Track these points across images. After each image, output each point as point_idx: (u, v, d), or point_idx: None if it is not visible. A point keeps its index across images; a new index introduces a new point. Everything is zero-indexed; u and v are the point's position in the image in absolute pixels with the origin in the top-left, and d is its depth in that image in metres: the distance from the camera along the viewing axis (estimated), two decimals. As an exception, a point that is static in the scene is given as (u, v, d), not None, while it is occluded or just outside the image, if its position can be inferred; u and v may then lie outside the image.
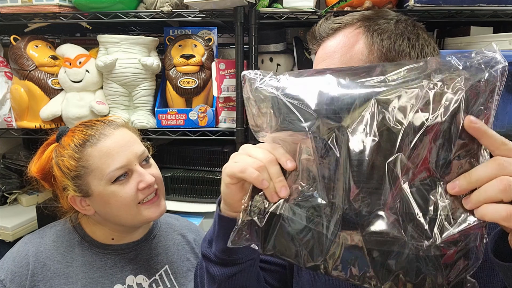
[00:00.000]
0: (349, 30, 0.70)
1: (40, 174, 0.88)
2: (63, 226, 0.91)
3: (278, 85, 0.52)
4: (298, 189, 0.52)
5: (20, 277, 0.82)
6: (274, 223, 0.53)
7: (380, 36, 0.69)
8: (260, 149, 0.56)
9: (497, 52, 0.43)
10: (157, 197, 0.88)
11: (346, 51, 0.68)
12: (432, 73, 0.43)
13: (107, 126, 0.86)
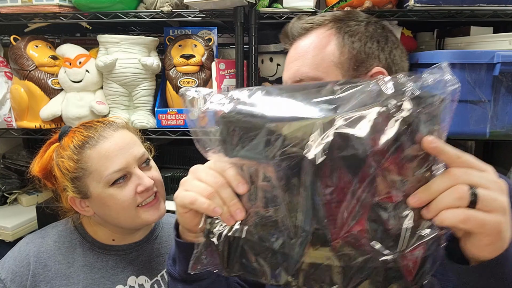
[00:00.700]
0: (321, 31, 0.72)
1: (42, 173, 0.89)
2: (64, 226, 0.91)
3: (230, 107, 0.49)
4: (257, 211, 0.51)
5: (21, 277, 0.82)
6: (234, 246, 0.52)
7: (351, 38, 0.70)
8: (210, 171, 0.54)
9: (449, 72, 0.44)
10: (156, 200, 0.87)
11: (317, 52, 0.70)
12: (386, 97, 0.43)
13: (107, 128, 0.86)
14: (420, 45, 1.46)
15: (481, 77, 1.08)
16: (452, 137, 1.25)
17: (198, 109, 0.51)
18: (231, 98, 0.50)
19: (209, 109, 0.50)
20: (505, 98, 1.10)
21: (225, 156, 0.51)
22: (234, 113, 0.48)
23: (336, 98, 0.45)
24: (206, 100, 0.51)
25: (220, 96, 0.51)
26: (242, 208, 0.52)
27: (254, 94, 0.50)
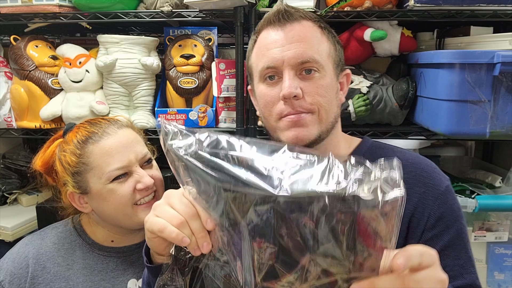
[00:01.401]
0: (311, 25, 0.74)
1: (44, 168, 0.89)
2: (64, 227, 0.91)
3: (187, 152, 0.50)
4: (220, 250, 0.52)
5: (19, 279, 0.82)
6: (197, 276, 0.54)
7: (334, 39, 0.78)
8: (183, 199, 0.55)
9: (399, 171, 0.43)
10: (155, 200, 0.87)
11: (319, 41, 0.74)
12: (330, 194, 0.43)
13: (111, 125, 0.86)
14: (420, 45, 1.46)
15: (481, 77, 1.08)
16: (452, 137, 1.26)
17: (165, 141, 0.52)
18: (196, 141, 0.50)
19: (173, 146, 0.51)
20: (505, 98, 1.10)
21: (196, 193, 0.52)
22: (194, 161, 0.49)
23: (281, 176, 0.46)
24: (174, 137, 0.52)
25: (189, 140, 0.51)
26: (209, 242, 0.52)
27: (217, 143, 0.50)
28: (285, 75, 0.71)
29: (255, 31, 0.78)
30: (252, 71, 0.79)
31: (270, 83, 0.74)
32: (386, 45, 1.36)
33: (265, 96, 0.74)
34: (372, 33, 1.30)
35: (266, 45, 0.74)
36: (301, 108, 0.71)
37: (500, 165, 1.55)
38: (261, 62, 0.74)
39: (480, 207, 1.26)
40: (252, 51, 0.78)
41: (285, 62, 0.71)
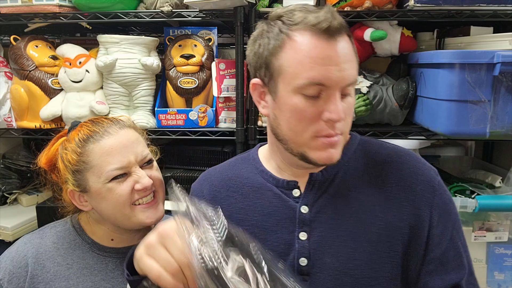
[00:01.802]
0: (348, 37, 0.70)
1: (48, 165, 0.89)
2: (63, 227, 0.91)
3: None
4: None
5: (18, 278, 0.82)
6: None
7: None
8: (178, 243, 0.55)
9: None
10: (155, 201, 0.87)
11: (355, 58, 0.69)
12: None
13: (113, 125, 0.86)
14: (420, 45, 1.46)
15: (481, 77, 1.08)
16: (452, 137, 1.26)
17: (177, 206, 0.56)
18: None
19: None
20: (505, 98, 1.10)
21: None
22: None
23: None
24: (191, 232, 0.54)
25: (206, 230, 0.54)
26: None
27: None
28: (334, 97, 0.66)
29: (287, 25, 0.67)
30: (281, 73, 0.68)
31: (311, 99, 0.67)
32: (386, 45, 1.36)
33: (302, 111, 0.68)
34: (372, 33, 1.30)
35: (315, 57, 0.65)
36: (339, 130, 0.69)
37: (500, 165, 1.55)
38: (306, 75, 0.65)
39: (480, 207, 1.26)
40: (283, 50, 0.68)
41: (338, 84, 0.66)
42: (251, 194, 0.81)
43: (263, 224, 0.77)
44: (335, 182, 0.76)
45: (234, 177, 0.84)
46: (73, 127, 0.89)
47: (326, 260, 0.72)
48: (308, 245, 0.73)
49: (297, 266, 0.73)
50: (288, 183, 0.77)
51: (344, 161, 0.77)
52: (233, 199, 0.82)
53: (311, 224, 0.74)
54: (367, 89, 1.31)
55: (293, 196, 0.77)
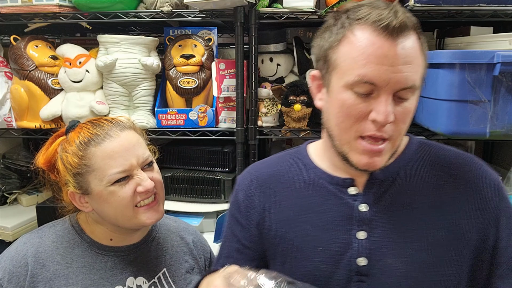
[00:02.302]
0: (414, 36, 0.65)
1: (46, 165, 0.89)
2: (62, 226, 0.91)
3: None
4: None
5: (18, 277, 0.82)
6: None
7: (426, 53, 0.68)
8: None
9: None
10: (155, 202, 0.87)
11: (421, 63, 0.65)
12: None
13: (114, 127, 0.86)
14: (420, 45, 1.46)
15: (481, 77, 1.08)
16: (452, 137, 1.26)
17: None
18: None
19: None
20: (505, 98, 1.09)
21: None
22: None
23: None
24: None
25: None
26: None
27: None
28: (383, 97, 0.63)
29: (350, 19, 0.66)
30: (336, 67, 0.67)
31: (361, 95, 0.65)
32: (386, 45, 1.36)
33: (350, 108, 0.66)
34: (372, 33, 1.30)
35: (370, 54, 0.63)
36: (386, 134, 0.65)
37: (500, 165, 1.55)
38: (358, 72, 0.64)
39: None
40: (341, 44, 0.66)
41: (390, 85, 0.63)
42: (303, 191, 0.78)
43: (316, 221, 0.74)
44: (397, 181, 0.73)
45: (284, 173, 0.82)
46: (71, 127, 0.88)
47: (388, 261, 0.69)
48: (368, 244, 0.70)
49: (354, 266, 0.70)
50: (344, 180, 0.75)
51: (405, 161, 0.74)
52: (283, 195, 0.79)
53: (371, 223, 0.71)
54: (367, 89, 1.31)
55: (349, 194, 0.74)
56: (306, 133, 1.35)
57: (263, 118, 1.40)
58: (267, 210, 0.80)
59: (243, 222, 0.82)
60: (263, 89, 1.40)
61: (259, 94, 1.38)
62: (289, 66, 1.52)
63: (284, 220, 0.77)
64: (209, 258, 1.04)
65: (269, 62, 1.48)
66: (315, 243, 0.73)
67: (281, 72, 1.50)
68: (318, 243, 0.73)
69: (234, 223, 0.85)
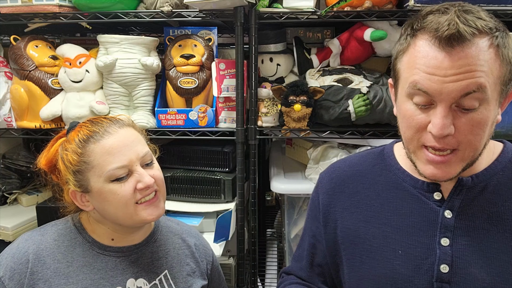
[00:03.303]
0: (490, 46, 0.61)
1: (48, 166, 0.89)
2: (64, 225, 0.91)
3: None
4: None
5: (20, 275, 0.82)
6: None
7: (508, 57, 0.63)
8: None
9: None
10: (156, 198, 0.87)
11: (491, 69, 0.61)
12: None
13: (113, 124, 0.86)
14: (420, 45, 1.46)
15: (481, 77, 1.08)
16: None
17: None
18: None
19: None
20: (505, 98, 1.10)
21: None
22: None
23: None
24: None
25: None
26: None
27: None
28: (440, 109, 0.62)
29: (414, 30, 0.65)
30: (399, 77, 0.69)
31: (420, 107, 0.65)
32: (386, 45, 1.36)
33: (411, 118, 0.66)
34: (372, 33, 1.30)
35: (423, 64, 0.62)
36: (447, 145, 0.64)
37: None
38: (412, 78, 0.64)
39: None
40: (404, 54, 0.67)
41: (444, 95, 0.61)
42: (385, 192, 0.77)
43: (397, 224, 0.74)
44: (487, 190, 0.71)
45: (365, 173, 0.81)
46: (72, 127, 0.89)
47: (472, 270, 0.67)
48: (451, 252, 0.69)
49: (436, 272, 0.69)
50: (428, 185, 0.73)
51: (498, 169, 0.72)
52: (364, 195, 0.79)
53: (455, 230, 0.69)
54: (367, 89, 1.31)
55: (433, 199, 0.72)
56: (306, 133, 1.35)
57: (263, 118, 1.40)
58: (346, 210, 0.80)
59: (321, 219, 0.83)
60: (263, 89, 1.40)
61: (259, 94, 1.38)
62: (289, 66, 1.52)
63: (364, 220, 0.77)
64: (211, 262, 1.04)
65: (269, 62, 1.48)
66: (395, 246, 0.73)
67: (281, 72, 1.50)
68: (399, 246, 0.72)
69: (312, 220, 0.87)
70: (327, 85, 1.35)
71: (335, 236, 0.81)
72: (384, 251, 0.74)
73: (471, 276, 0.67)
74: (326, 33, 1.56)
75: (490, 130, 0.66)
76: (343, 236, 0.80)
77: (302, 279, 0.90)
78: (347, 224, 0.79)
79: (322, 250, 0.84)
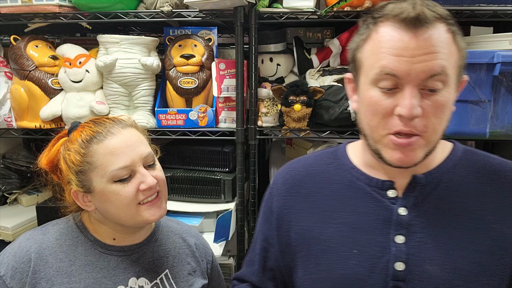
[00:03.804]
0: (443, 26, 0.64)
1: (49, 166, 0.89)
2: (65, 224, 0.91)
3: None
4: None
5: (21, 274, 0.82)
6: None
7: (463, 44, 0.67)
8: None
9: None
10: (158, 198, 0.87)
11: (451, 52, 0.64)
12: None
13: (116, 125, 0.86)
14: (420, 45, 1.46)
15: (481, 77, 1.08)
16: (452, 137, 1.25)
17: None
18: None
19: None
20: (505, 98, 1.10)
21: None
22: None
23: None
24: None
25: None
26: None
27: None
28: (407, 90, 0.63)
29: (374, 17, 0.67)
30: (361, 66, 0.69)
31: (386, 92, 0.65)
32: (386, 45, 1.36)
33: (376, 105, 0.66)
34: (372, 33, 1.30)
35: (389, 48, 0.63)
36: (414, 128, 0.64)
37: (500, 165, 1.54)
38: (379, 64, 0.64)
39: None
40: (366, 43, 0.68)
41: (412, 76, 0.62)
42: (340, 191, 0.77)
43: (353, 223, 0.73)
44: (440, 187, 0.71)
45: (320, 172, 0.81)
46: (73, 127, 0.89)
47: (427, 267, 0.68)
48: (406, 249, 0.69)
49: (392, 270, 0.69)
50: (383, 182, 0.73)
51: (449, 167, 0.73)
52: (320, 195, 0.78)
53: (410, 227, 0.70)
54: (367, 89, 1.31)
55: (388, 197, 0.72)
56: (306, 133, 1.35)
57: (263, 118, 1.40)
58: (302, 211, 0.79)
59: (274, 222, 0.82)
60: (263, 89, 1.40)
61: (259, 94, 1.38)
62: (289, 66, 1.52)
63: (319, 221, 0.76)
64: (211, 261, 1.04)
65: (269, 62, 1.48)
66: (350, 245, 0.72)
67: (281, 72, 1.50)
68: (354, 245, 0.72)
69: (264, 222, 0.85)
70: (327, 85, 1.35)
71: (288, 239, 0.80)
72: (340, 251, 0.73)
73: (427, 273, 0.67)
74: (326, 33, 1.56)
75: (448, 115, 0.67)
76: (298, 238, 0.78)
77: (254, 284, 0.88)
78: (302, 225, 0.78)
79: (274, 253, 0.83)
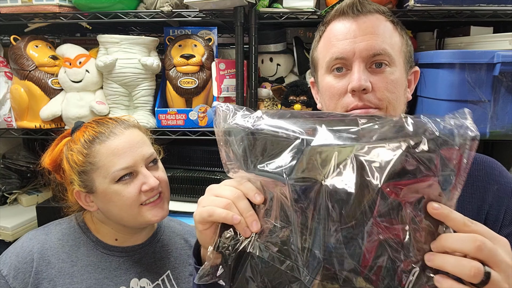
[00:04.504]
0: (383, 18, 0.72)
1: (52, 166, 0.89)
2: (67, 224, 0.91)
3: (253, 123, 0.51)
4: (270, 228, 0.51)
5: (24, 274, 0.82)
6: (243, 261, 0.52)
7: (405, 36, 0.75)
8: (226, 186, 0.56)
9: (469, 119, 0.45)
10: (160, 199, 0.87)
11: (391, 35, 0.71)
12: (409, 135, 0.44)
13: (118, 125, 0.87)
14: (420, 45, 1.46)
15: (481, 77, 1.08)
16: (452, 137, 1.26)
17: (225, 121, 0.54)
18: (257, 116, 0.52)
19: (236, 124, 0.53)
20: (505, 98, 1.10)
21: (244, 172, 0.52)
22: (259, 130, 0.50)
23: (359, 129, 0.46)
24: (235, 114, 0.53)
25: (246, 113, 0.53)
26: (258, 220, 0.53)
27: (279, 116, 0.52)
28: (355, 67, 0.69)
29: (324, 22, 0.77)
30: (318, 62, 0.76)
31: (338, 75, 0.71)
32: (386, 45, 1.36)
33: (332, 88, 0.72)
34: (372, 33, 1.29)
35: (336, 36, 0.71)
36: (369, 102, 0.69)
37: (500, 165, 1.55)
38: (329, 53, 0.71)
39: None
40: (319, 42, 0.76)
41: (356, 54, 0.69)
42: None
43: None
44: None
45: None
46: (77, 127, 0.89)
47: None
48: None
49: None
50: None
51: None
52: None
53: None
54: (367, 89, 1.31)
55: None
56: (306, 133, 1.35)
57: (263, 118, 1.40)
58: None
59: None
60: (263, 89, 1.40)
61: (259, 94, 1.38)
62: (289, 66, 1.52)
63: None
64: None
65: (269, 62, 1.48)
66: None
67: (281, 72, 1.50)
68: None
69: None
70: (327, 85, 1.35)
71: None
72: None
73: None
74: (326, 33, 1.56)
75: (403, 92, 0.72)
76: None
77: None
78: None
79: None
